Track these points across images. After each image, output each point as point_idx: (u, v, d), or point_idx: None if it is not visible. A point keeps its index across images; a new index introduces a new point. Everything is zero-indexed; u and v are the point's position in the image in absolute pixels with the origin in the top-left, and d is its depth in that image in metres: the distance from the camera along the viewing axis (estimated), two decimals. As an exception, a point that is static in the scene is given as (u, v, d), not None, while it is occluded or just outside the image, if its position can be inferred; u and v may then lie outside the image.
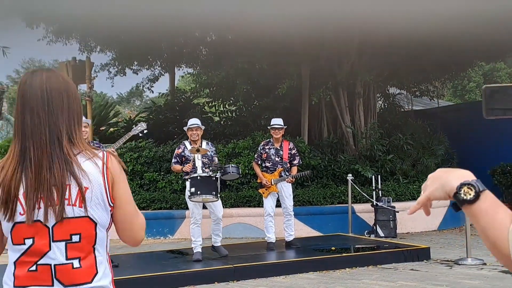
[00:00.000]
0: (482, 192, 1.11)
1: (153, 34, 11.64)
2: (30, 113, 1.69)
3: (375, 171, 11.20)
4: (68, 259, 1.67)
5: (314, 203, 10.54)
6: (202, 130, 7.31)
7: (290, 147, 8.10)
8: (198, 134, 7.16)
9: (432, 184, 1.18)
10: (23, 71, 49.26)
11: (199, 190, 6.71)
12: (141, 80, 16.66)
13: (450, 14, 8.78)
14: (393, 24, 9.40)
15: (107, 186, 1.70)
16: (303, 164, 9.92)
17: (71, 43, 13.43)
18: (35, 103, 1.69)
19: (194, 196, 6.75)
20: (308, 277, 6.58)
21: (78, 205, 1.67)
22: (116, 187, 1.72)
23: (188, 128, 7.23)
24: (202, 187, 6.73)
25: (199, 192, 6.70)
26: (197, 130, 7.17)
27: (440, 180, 1.17)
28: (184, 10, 9.61)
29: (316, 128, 13.42)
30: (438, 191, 1.17)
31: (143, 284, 6.07)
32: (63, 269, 1.67)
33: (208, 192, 6.73)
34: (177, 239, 9.80)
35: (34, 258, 1.66)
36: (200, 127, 7.25)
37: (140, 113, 17.04)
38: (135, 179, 10.98)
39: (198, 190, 6.71)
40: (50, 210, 1.64)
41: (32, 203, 1.63)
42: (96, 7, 9.33)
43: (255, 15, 9.41)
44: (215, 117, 15.25)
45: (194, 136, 7.13)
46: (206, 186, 6.73)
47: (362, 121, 12.82)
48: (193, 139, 7.16)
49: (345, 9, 8.91)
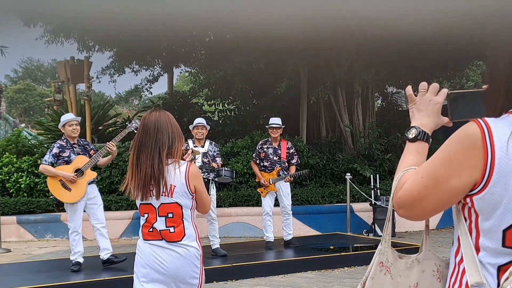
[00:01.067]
0: (419, 139, 1.45)
1: (151, 33, 11.63)
2: (146, 134, 2.84)
3: (373, 170, 11.21)
4: (166, 227, 2.86)
5: (313, 202, 10.55)
6: (207, 130, 7.49)
7: (288, 147, 8.11)
8: (203, 133, 7.36)
9: (424, 104, 1.50)
10: (22, 71, 49.20)
11: None
12: (140, 81, 16.67)
13: (448, 13, 8.78)
14: (391, 24, 9.40)
15: (188, 184, 2.84)
16: (301, 163, 9.92)
17: (70, 42, 13.41)
18: (150, 129, 2.84)
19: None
20: (307, 276, 6.58)
21: (169, 196, 2.83)
22: (195, 184, 2.87)
23: (194, 126, 7.43)
24: None
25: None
26: (202, 129, 7.38)
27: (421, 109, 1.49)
28: (182, 10, 9.60)
29: (314, 127, 13.44)
30: (413, 110, 1.52)
31: (141, 283, 6.07)
32: (165, 232, 2.86)
33: None
34: (175, 238, 9.80)
35: (149, 225, 2.89)
36: (205, 127, 7.46)
37: (139, 113, 17.02)
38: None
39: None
40: (156, 197, 2.82)
41: (146, 191, 2.81)
42: (95, 7, 9.31)
43: (253, 15, 9.41)
44: (213, 117, 15.25)
45: (199, 134, 7.33)
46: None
47: (361, 120, 12.83)
48: (198, 138, 7.35)
49: (343, 9, 8.91)
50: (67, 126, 6.45)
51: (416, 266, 1.49)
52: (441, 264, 1.49)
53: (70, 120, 6.51)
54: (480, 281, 1.26)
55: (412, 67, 13.09)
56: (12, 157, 11.35)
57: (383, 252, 1.50)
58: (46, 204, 10.56)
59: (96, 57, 14.03)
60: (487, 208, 1.25)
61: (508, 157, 1.20)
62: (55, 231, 10.09)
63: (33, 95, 40.81)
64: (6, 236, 9.85)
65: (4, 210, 10.32)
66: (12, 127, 20.33)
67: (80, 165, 6.36)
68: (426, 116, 1.48)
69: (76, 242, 6.41)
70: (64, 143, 6.47)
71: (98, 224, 6.52)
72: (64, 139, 6.52)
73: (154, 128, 2.82)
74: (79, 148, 6.52)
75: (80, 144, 6.59)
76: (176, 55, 15.35)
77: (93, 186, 6.55)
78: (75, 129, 6.46)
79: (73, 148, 6.46)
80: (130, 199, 10.26)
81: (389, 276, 1.48)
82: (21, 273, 6.57)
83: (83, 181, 6.35)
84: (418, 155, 1.44)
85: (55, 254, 8.48)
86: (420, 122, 1.47)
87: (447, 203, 1.30)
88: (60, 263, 7.30)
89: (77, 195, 6.34)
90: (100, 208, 6.57)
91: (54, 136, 13.42)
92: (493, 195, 1.23)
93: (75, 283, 5.93)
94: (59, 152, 6.39)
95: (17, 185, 10.87)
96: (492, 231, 1.25)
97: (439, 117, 1.49)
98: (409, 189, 1.32)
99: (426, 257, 1.50)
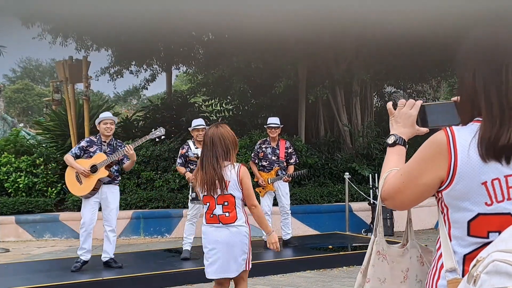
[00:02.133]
0: (398, 145, 1.73)
1: (150, 33, 11.62)
2: (205, 148, 3.89)
3: (372, 169, 11.22)
4: (223, 212, 3.85)
5: (311, 202, 10.55)
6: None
7: (287, 146, 8.11)
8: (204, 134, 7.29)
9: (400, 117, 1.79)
10: (20, 70, 49.15)
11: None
12: (138, 81, 16.67)
13: (446, 12, 8.79)
14: (389, 23, 9.41)
15: (238, 180, 3.83)
16: (300, 163, 9.93)
17: (69, 42, 13.39)
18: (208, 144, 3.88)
19: (195, 201, 7.02)
20: (306, 275, 6.59)
21: (225, 189, 3.81)
22: (243, 181, 3.85)
23: (193, 128, 7.36)
24: None
25: (200, 199, 6.86)
26: (203, 131, 7.27)
27: (398, 121, 1.79)
28: (180, 10, 9.60)
29: (313, 127, 13.44)
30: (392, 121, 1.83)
31: (140, 283, 6.07)
32: (222, 216, 3.85)
33: None
34: (174, 238, 9.80)
35: (210, 211, 3.88)
36: (206, 128, 7.36)
37: (137, 112, 17.01)
38: (132, 178, 10.97)
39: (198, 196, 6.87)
40: (215, 191, 3.81)
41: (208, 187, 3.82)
42: (93, 6, 9.30)
43: (251, 14, 9.41)
44: (212, 116, 15.25)
45: (200, 136, 7.24)
46: None
47: (359, 120, 12.84)
48: (199, 140, 7.25)
49: (341, 8, 8.91)
50: (102, 124, 6.54)
51: (406, 254, 1.77)
52: (423, 251, 1.79)
53: (105, 118, 6.59)
54: (454, 267, 1.47)
55: (410, 66, 13.11)
56: (11, 157, 11.35)
57: (378, 242, 1.74)
58: (45, 204, 10.55)
59: (95, 56, 14.04)
60: (454, 202, 1.49)
61: (469, 160, 1.44)
62: (54, 231, 10.09)
63: (32, 94, 40.77)
64: (5, 236, 9.85)
65: (3, 210, 10.32)
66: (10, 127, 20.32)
67: (97, 161, 6.41)
68: (402, 126, 1.77)
69: (83, 238, 6.42)
70: (96, 139, 6.59)
71: (107, 226, 6.55)
72: (97, 136, 6.64)
73: (210, 143, 3.84)
74: (108, 147, 6.57)
75: (111, 143, 6.62)
76: (175, 54, 15.34)
77: (110, 187, 6.56)
78: (109, 127, 6.53)
79: (102, 145, 6.54)
80: (129, 199, 10.30)
81: (386, 262, 1.73)
82: (20, 273, 6.57)
83: (94, 177, 6.38)
84: (398, 157, 1.71)
85: (54, 254, 8.48)
86: (398, 131, 1.77)
87: (421, 196, 1.56)
88: (59, 263, 7.30)
89: (83, 189, 6.40)
90: (113, 212, 6.57)
91: (53, 135, 13.41)
92: (457, 191, 1.46)
93: (74, 283, 5.92)
94: (87, 146, 6.52)
95: (16, 185, 10.86)
96: (460, 221, 1.48)
97: (413, 127, 1.76)
98: (391, 184, 1.60)
99: (412, 246, 1.79)
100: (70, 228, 9.98)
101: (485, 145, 1.43)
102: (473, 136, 1.46)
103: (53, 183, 11.00)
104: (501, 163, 1.42)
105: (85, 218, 6.43)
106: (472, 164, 1.44)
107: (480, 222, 1.45)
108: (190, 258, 7.05)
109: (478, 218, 1.45)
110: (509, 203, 1.43)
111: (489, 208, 1.44)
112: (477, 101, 1.49)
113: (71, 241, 9.73)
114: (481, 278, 1.29)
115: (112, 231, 6.56)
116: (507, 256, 1.29)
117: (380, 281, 1.72)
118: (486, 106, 1.47)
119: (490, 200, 1.44)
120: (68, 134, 11.80)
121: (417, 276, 1.75)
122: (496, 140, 1.42)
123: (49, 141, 13.42)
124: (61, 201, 10.86)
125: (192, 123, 7.48)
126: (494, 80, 1.47)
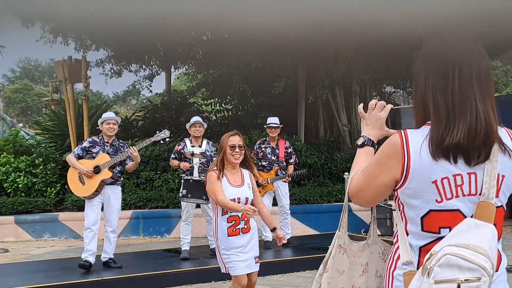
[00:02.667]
0: (367, 145, 1.83)
1: (149, 33, 11.62)
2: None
3: (371, 169, 11.20)
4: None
5: (311, 202, 10.55)
6: (204, 128, 7.46)
7: (286, 146, 8.10)
8: (201, 131, 7.35)
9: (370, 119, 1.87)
10: (19, 70, 49.10)
11: (190, 193, 6.95)
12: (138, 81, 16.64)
13: (445, 12, 8.79)
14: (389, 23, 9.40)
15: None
16: (299, 163, 9.92)
17: (68, 42, 13.39)
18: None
19: (185, 198, 6.99)
20: (305, 275, 6.59)
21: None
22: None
23: (191, 125, 7.39)
24: (193, 191, 6.94)
25: (190, 196, 6.97)
26: (200, 127, 7.35)
27: (368, 123, 1.87)
28: (180, 9, 9.59)
29: (312, 127, 13.44)
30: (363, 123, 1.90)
31: (140, 283, 6.07)
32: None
33: (199, 196, 6.93)
34: (173, 238, 9.79)
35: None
36: (203, 125, 7.44)
37: (136, 112, 17.00)
38: (131, 178, 10.96)
39: (189, 193, 6.96)
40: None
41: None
42: (92, 6, 9.30)
43: (251, 14, 9.40)
44: (211, 116, 15.24)
45: (197, 132, 7.31)
46: (198, 190, 6.90)
47: (359, 120, 12.83)
48: (196, 135, 7.32)
49: (341, 9, 8.91)
50: (104, 125, 6.50)
51: (366, 249, 1.87)
52: (385, 248, 1.89)
53: (108, 118, 6.55)
54: (410, 260, 1.59)
55: (409, 66, 13.07)
56: (10, 157, 11.34)
57: (341, 237, 1.85)
58: (44, 204, 10.54)
59: (94, 56, 14.04)
60: (407, 199, 1.60)
61: (421, 161, 1.55)
62: (53, 231, 10.08)
63: (31, 94, 40.74)
64: (4, 236, 9.85)
65: (2, 210, 10.31)
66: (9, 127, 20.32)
67: (100, 162, 6.37)
68: (371, 128, 1.86)
69: (88, 240, 6.35)
70: (98, 139, 6.54)
71: (109, 227, 6.53)
72: (100, 136, 6.58)
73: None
74: (111, 147, 6.52)
75: (114, 144, 6.58)
76: (174, 54, 15.33)
77: (112, 187, 6.52)
78: (112, 128, 6.49)
79: (104, 146, 6.49)
80: (128, 199, 10.29)
81: (346, 255, 1.84)
82: (19, 273, 6.56)
83: (97, 178, 6.34)
84: (366, 157, 1.81)
85: (53, 254, 8.47)
86: (367, 133, 1.86)
87: (381, 194, 1.67)
88: (58, 263, 7.29)
89: (86, 190, 6.35)
90: (115, 212, 6.54)
91: (52, 135, 13.40)
92: (411, 190, 1.58)
93: (74, 283, 5.92)
94: (89, 147, 6.46)
95: (15, 185, 10.85)
96: (414, 218, 1.59)
97: (383, 129, 1.85)
98: (356, 183, 1.72)
99: (374, 242, 1.90)
100: (69, 228, 9.97)
101: (434, 145, 1.54)
102: (424, 137, 1.57)
103: (52, 183, 10.99)
104: (450, 161, 1.53)
105: (90, 220, 6.36)
106: (423, 164, 1.55)
107: (431, 218, 1.56)
108: (190, 258, 7.05)
109: (429, 214, 1.57)
110: (457, 200, 1.55)
111: (439, 205, 1.55)
112: (427, 105, 1.62)
113: (70, 241, 9.72)
114: (434, 270, 1.40)
115: (113, 231, 6.55)
116: (457, 250, 1.41)
117: (339, 272, 1.82)
118: (434, 109, 1.59)
119: (440, 198, 1.55)
120: (67, 134, 11.79)
121: (377, 271, 1.85)
122: (441, 140, 1.53)
123: (48, 141, 13.41)
124: (60, 201, 10.85)
125: (191, 120, 7.52)
126: (441, 85, 1.59)
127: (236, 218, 4.19)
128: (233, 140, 4.19)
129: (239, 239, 4.21)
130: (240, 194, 4.12)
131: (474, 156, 1.53)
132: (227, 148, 4.15)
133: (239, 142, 4.19)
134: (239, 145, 4.18)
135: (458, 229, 1.48)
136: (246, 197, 4.15)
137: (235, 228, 4.20)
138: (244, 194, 4.14)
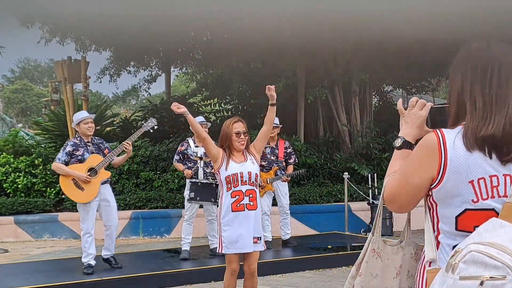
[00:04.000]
0: (403, 147, 1.78)
1: (149, 33, 11.61)
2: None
3: (371, 169, 11.21)
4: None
5: (311, 202, 10.55)
6: (207, 127, 7.43)
7: (286, 146, 8.10)
8: (205, 131, 7.28)
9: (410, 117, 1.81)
10: (19, 70, 49.06)
11: (198, 196, 6.87)
12: (137, 81, 16.65)
13: (445, 11, 8.79)
14: (388, 23, 9.41)
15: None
16: (299, 163, 9.92)
17: (67, 42, 13.38)
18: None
19: (193, 201, 6.92)
20: (305, 275, 6.59)
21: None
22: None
23: None
24: (202, 193, 6.88)
25: (198, 198, 6.90)
26: (205, 127, 7.30)
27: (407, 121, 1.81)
28: (179, 10, 9.59)
29: (312, 127, 13.43)
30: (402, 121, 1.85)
31: (140, 283, 6.07)
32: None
33: (207, 199, 6.91)
34: (173, 238, 9.79)
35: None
36: (207, 124, 7.45)
37: (136, 112, 16.99)
38: (131, 178, 10.96)
39: (197, 196, 6.87)
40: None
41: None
42: (92, 6, 9.29)
43: (250, 14, 9.41)
44: (210, 116, 15.24)
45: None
46: (206, 193, 6.86)
47: (358, 119, 12.84)
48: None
49: (340, 8, 8.91)
50: (82, 124, 6.28)
51: (400, 252, 1.88)
52: (418, 248, 1.89)
53: (85, 118, 6.33)
54: (434, 258, 1.61)
55: (409, 66, 13.10)
56: (9, 157, 11.33)
57: (374, 241, 1.86)
58: (44, 204, 10.54)
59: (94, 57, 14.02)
60: (443, 198, 1.61)
61: (457, 158, 1.56)
62: (53, 231, 10.08)
63: (30, 95, 40.71)
64: (4, 236, 9.84)
65: (1, 210, 10.31)
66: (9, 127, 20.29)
67: (93, 164, 6.20)
68: (410, 127, 1.82)
69: (89, 244, 6.24)
70: (78, 141, 6.32)
71: (109, 224, 6.41)
72: (78, 137, 6.38)
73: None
74: (93, 146, 6.36)
75: (94, 142, 6.43)
76: (174, 54, 15.31)
77: (106, 186, 6.38)
78: (91, 127, 6.31)
79: (87, 146, 6.31)
80: (128, 199, 10.29)
81: (380, 259, 1.85)
82: (19, 273, 6.56)
83: (97, 180, 6.19)
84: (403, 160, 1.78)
85: (53, 254, 8.47)
86: (405, 132, 1.82)
87: (417, 194, 1.66)
88: (58, 263, 7.30)
89: (90, 195, 6.16)
90: (114, 209, 6.44)
91: (51, 136, 13.39)
92: (447, 188, 1.58)
93: (74, 283, 5.92)
94: (73, 150, 6.21)
95: (14, 185, 10.85)
96: (448, 217, 1.61)
97: (422, 128, 1.80)
98: (390, 187, 1.72)
99: (407, 244, 1.90)
100: (69, 228, 9.97)
101: (469, 136, 1.56)
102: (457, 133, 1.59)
103: (52, 183, 10.98)
104: (485, 154, 1.55)
105: (90, 225, 6.21)
106: (460, 162, 1.56)
107: (467, 217, 1.58)
108: (189, 258, 7.05)
109: (465, 213, 1.58)
110: (493, 200, 1.56)
111: (475, 205, 1.57)
112: (462, 101, 1.63)
113: (70, 242, 9.72)
114: (459, 266, 1.41)
115: (115, 228, 6.49)
116: (483, 248, 1.41)
117: (372, 276, 1.84)
118: (470, 102, 1.61)
119: (476, 198, 1.57)
120: (67, 134, 11.78)
121: (409, 271, 1.87)
122: (478, 131, 1.55)
123: (48, 141, 13.41)
124: (60, 202, 10.85)
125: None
126: (480, 80, 1.61)
127: (240, 193, 4.35)
128: (238, 127, 4.45)
129: (243, 215, 4.35)
130: (242, 169, 4.36)
131: (507, 152, 1.55)
132: (233, 135, 4.39)
133: (243, 128, 4.46)
134: (243, 131, 4.45)
135: (483, 228, 1.49)
136: (249, 171, 4.38)
137: (239, 204, 4.35)
138: (246, 169, 4.39)
